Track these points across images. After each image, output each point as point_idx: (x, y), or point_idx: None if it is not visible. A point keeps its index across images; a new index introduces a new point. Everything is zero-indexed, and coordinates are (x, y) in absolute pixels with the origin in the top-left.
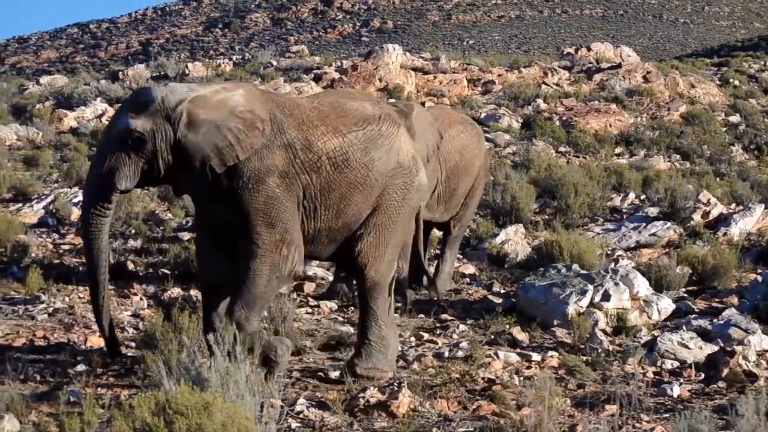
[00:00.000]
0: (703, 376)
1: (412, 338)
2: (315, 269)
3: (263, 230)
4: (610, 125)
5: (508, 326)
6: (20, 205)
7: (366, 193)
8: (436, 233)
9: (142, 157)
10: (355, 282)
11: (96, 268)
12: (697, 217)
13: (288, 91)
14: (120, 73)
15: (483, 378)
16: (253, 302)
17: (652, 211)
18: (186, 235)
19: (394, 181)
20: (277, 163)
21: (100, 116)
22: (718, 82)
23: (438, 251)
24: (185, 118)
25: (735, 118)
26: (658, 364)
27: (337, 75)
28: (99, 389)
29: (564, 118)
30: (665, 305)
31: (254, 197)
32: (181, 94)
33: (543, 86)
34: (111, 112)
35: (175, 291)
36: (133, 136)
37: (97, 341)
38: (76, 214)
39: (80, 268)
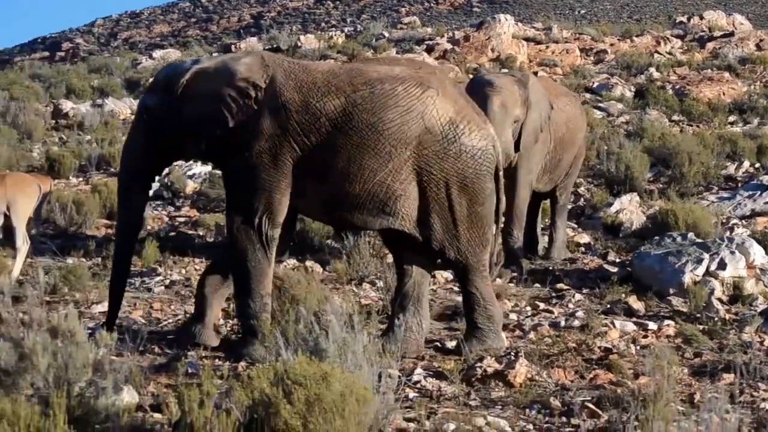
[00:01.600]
0: None
1: (528, 308)
2: None
3: (238, 205)
4: (723, 93)
5: (623, 295)
6: None
7: (381, 160)
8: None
9: (158, 133)
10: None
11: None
12: None
13: None
14: (232, 46)
15: (599, 347)
16: (249, 289)
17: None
18: None
19: (423, 150)
20: (265, 127)
21: None
22: None
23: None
24: (184, 90)
25: None
26: None
27: (449, 46)
28: (216, 360)
29: (677, 86)
30: None
31: (236, 168)
32: (184, 68)
33: (655, 55)
34: None
35: (291, 262)
36: (148, 113)
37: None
38: (191, 186)
39: (196, 240)
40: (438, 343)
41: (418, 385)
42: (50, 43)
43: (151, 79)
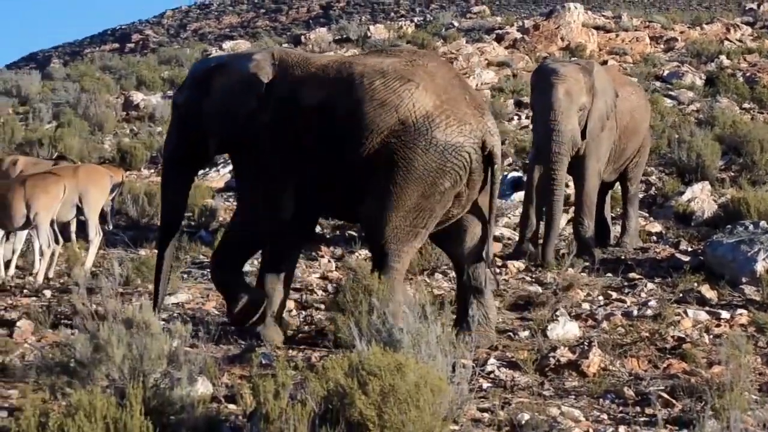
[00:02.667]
0: None
1: (601, 297)
2: (501, 229)
3: (243, 202)
4: None
5: (696, 284)
6: (207, 169)
7: (359, 152)
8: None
9: (188, 127)
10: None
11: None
12: None
13: (470, 52)
14: (302, 36)
15: (673, 336)
16: (266, 271)
17: None
18: None
19: (390, 139)
20: (266, 119)
21: None
22: None
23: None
24: (204, 87)
25: None
26: None
27: (518, 35)
28: (290, 351)
29: (747, 74)
30: None
31: (242, 164)
32: (209, 64)
33: (726, 42)
34: None
35: (363, 253)
36: (177, 109)
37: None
38: None
39: None
40: (511, 333)
41: (492, 375)
42: (120, 35)
43: None
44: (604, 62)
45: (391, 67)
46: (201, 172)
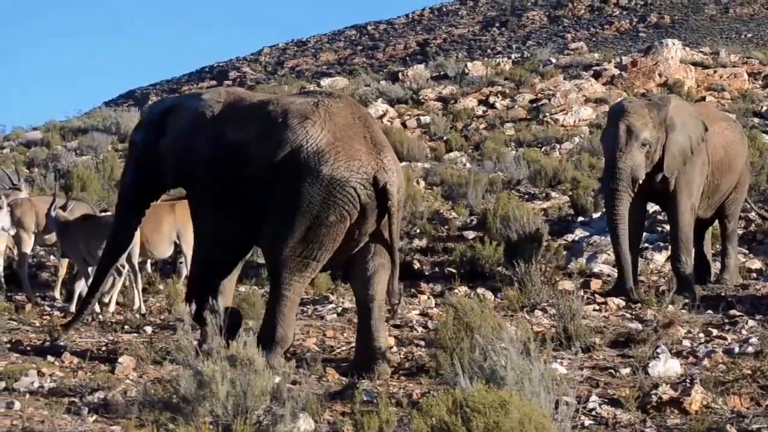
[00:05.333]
0: None
1: (701, 334)
2: (601, 266)
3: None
4: None
5: None
6: None
7: (262, 183)
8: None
9: (145, 166)
10: None
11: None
12: None
13: (568, 89)
14: (400, 73)
15: None
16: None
17: None
18: (471, 234)
19: (285, 174)
20: (205, 156)
21: (381, 116)
22: None
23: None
24: (162, 126)
25: None
26: None
27: (616, 71)
28: (390, 388)
29: None
30: None
31: (192, 199)
32: (165, 105)
33: None
34: (392, 112)
35: (462, 289)
36: (134, 148)
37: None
38: None
39: None
40: (612, 370)
41: (594, 413)
42: (217, 72)
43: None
44: (702, 98)
45: (294, 106)
46: None
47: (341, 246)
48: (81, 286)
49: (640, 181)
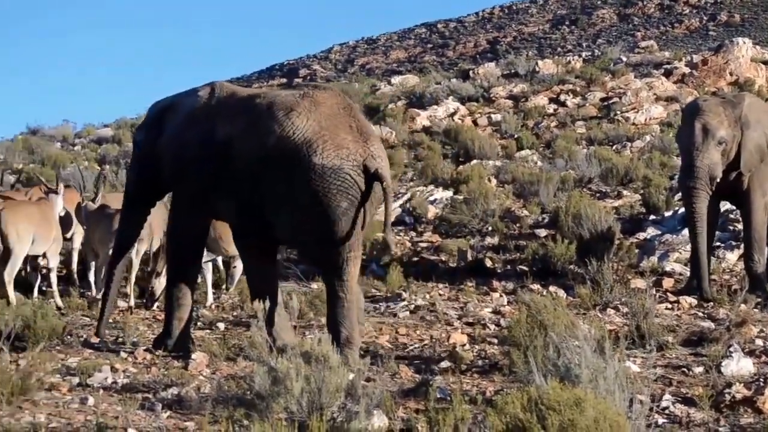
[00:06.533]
0: None
1: None
2: (672, 264)
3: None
4: None
5: None
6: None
7: (250, 180)
8: None
9: (147, 164)
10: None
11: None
12: None
13: (638, 87)
14: (470, 71)
15: None
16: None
17: None
18: (543, 232)
19: (270, 169)
20: (198, 153)
21: (452, 115)
22: None
23: None
24: (160, 125)
25: None
26: None
27: (687, 70)
28: (463, 385)
29: None
30: None
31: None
32: (161, 103)
33: None
34: (463, 110)
35: (535, 287)
36: (136, 146)
37: (459, 338)
38: (432, 212)
39: (439, 266)
40: (684, 369)
41: (667, 411)
42: (288, 70)
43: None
44: None
45: (279, 98)
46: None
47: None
48: (160, 284)
49: (718, 180)
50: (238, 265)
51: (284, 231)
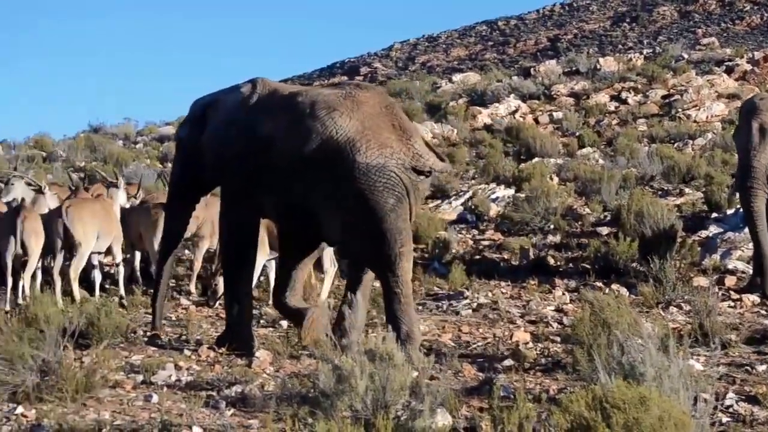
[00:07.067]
0: None
1: None
2: (735, 263)
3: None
4: None
5: None
6: (439, 201)
7: (295, 177)
8: None
9: (190, 161)
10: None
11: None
12: None
13: (700, 84)
14: (531, 69)
15: None
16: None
17: None
18: (605, 230)
19: (313, 168)
20: (240, 150)
21: (513, 112)
22: None
23: None
24: (203, 122)
25: None
26: None
27: (748, 67)
28: (526, 383)
29: None
30: None
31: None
32: (204, 100)
33: None
34: (524, 108)
35: (597, 285)
36: (181, 143)
37: (522, 336)
38: (494, 210)
39: (501, 264)
40: (748, 367)
41: (731, 410)
42: (349, 68)
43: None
44: None
45: (321, 97)
46: (433, 204)
47: None
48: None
49: None
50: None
51: (333, 231)
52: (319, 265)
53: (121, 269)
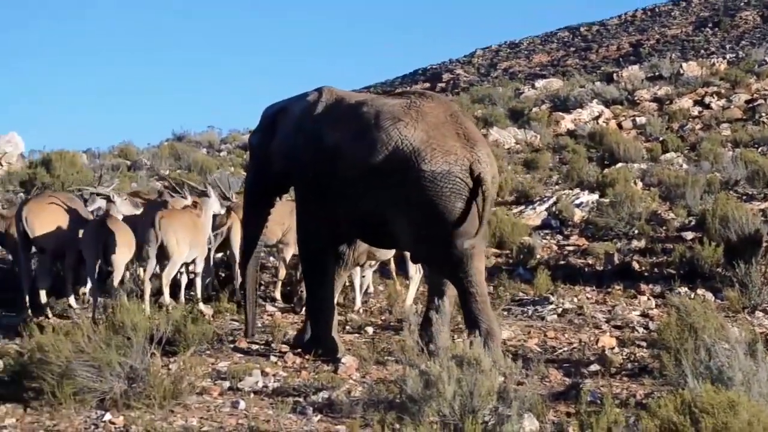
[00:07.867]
0: None
1: None
2: None
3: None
4: None
5: None
6: (522, 207)
7: (363, 185)
8: None
9: (263, 167)
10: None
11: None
12: None
13: None
14: (614, 74)
15: None
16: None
17: None
18: (689, 235)
19: (390, 176)
20: (308, 157)
21: (596, 118)
22: None
23: None
24: (273, 129)
25: None
26: None
27: None
28: (613, 388)
29: None
30: None
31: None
32: (275, 107)
33: None
34: (607, 113)
35: (683, 290)
36: (253, 150)
37: (608, 341)
38: (578, 215)
39: (586, 269)
40: None
41: None
42: (431, 74)
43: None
44: None
45: (387, 107)
46: (517, 210)
47: None
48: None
49: None
50: (367, 274)
51: (406, 237)
52: (404, 272)
53: (199, 280)
